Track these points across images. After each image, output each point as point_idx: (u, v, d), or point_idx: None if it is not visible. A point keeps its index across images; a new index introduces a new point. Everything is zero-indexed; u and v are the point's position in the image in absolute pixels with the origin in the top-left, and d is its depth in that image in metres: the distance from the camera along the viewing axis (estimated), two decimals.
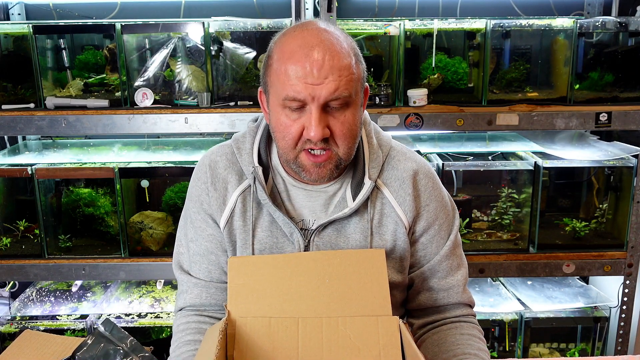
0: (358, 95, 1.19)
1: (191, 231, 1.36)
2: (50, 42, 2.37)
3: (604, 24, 2.24)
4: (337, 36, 1.17)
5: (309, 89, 1.12)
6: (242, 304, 1.15)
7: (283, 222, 1.27)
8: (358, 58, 1.20)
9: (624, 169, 2.31)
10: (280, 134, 1.20)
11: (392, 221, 1.30)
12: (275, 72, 1.17)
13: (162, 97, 2.24)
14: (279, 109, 1.18)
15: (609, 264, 2.31)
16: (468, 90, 2.34)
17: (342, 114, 1.17)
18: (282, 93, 1.15)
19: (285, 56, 1.15)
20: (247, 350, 1.12)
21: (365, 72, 1.24)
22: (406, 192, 1.31)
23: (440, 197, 1.37)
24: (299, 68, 1.12)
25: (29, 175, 2.23)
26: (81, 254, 2.32)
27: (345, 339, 1.12)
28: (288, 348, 1.11)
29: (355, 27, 2.28)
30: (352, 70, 1.15)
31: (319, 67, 1.11)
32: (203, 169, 1.35)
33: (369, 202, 1.28)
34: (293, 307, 1.15)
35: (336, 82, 1.12)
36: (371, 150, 1.31)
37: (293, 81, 1.13)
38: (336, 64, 1.12)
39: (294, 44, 1.15)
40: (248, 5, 2.57)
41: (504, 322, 2.41)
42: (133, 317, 2.38)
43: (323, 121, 1.15)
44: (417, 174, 1.33)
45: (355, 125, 1.20)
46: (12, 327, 2.38)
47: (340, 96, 1.14)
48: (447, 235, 1.37)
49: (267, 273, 1.18)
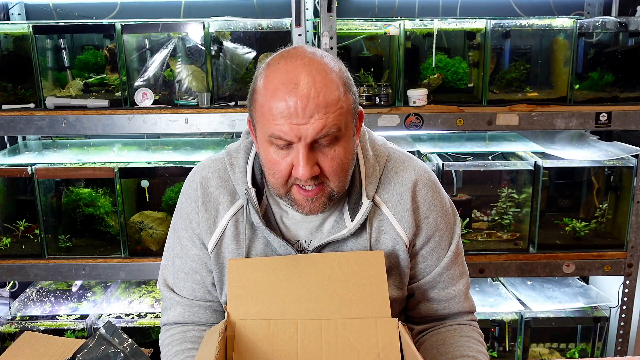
0: (349, 127, 1.14)
1: (177, 247, 1.33)
2: (50, 42, 2.37)
3: (604, 24, 2.23)
4: (323, 67, 1.10)
5: (295, 129, 1.07)
6: (242, 306, 1.15)
7: (279, 244, 1.23)
8: (347, 87, 1.13)
9: (624, 169, 2.31)
10: (269, 171, 1.16)
11: (391, 238, 1.26)
12: (260, 108, 1.12)
13: (162, 97, 2.24)
14: (266, 144, 1.13)
15: (609, 264, 2.31)
16: (468, 90, 2.33)
17: (332, 149, 1.12)
18: (267, 131, 1.10)
19: (269, 93, 1.09)
20: (247, 352, 1.12)
21: (356, 98, 1.17)
22: (405, 208, 1.26)
23: (440, 206, 1.31)
24: (283, 106, 1.06)
25: (29, 175, 2.23)
26: (81, 254, 2.32)
27: (345, 340, 1.12)
28: (287, 350, 1.11)
29: (355, 27, 2.28)
30: (340, 104, 1.09)
31: (303, 107, 1.06)
32: (194, 186, 1.31)
33: (366, 221, 1.24)
34: (292, 309, 1.15)
35: (323, 120, 1.07)
36: (367, 164, 1.26)
37: (278, 121, 1.07)
38: (322, 101, 1.06)
39: (277, 80, 1.09)
40: (248, 5, 2.57)
41: (504, 322, 2.41)
42: (133, 317, 2.39)
43: (311, 160, 1.10)
44: (416, 184, 1.28)
45: (347, 159, 1.15)
46: (12, 327, 2.38)
47: (328, 133, 1.08)
48: (448, 245, 1.33)
49: (267, 275, 1.18)
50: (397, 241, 1.27)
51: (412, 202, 1.27)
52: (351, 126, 1.15)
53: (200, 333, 1.29)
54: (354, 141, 1.18)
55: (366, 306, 1.14)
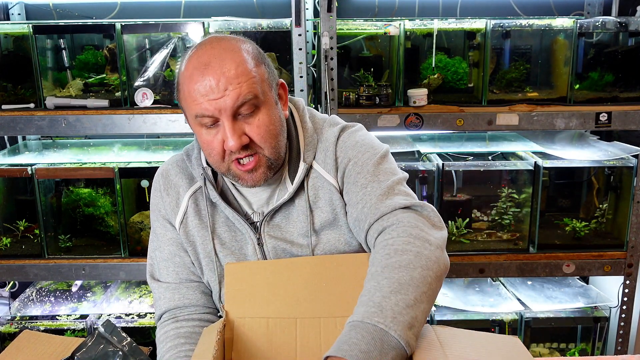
0: (267, 95, 1.22)
1: (154, 241, 1.41)
2: (50, 42, 2.37)
3: (604, 24, 2.23)
4: (230, 46, 1.20)
5: (213, 104, 1.16)
6: (240, 307, 1.15)
7: (234, 218, 1.31)
8: (258, 60, 1.22)
9: (624, 169, 2.31)
10: (206, 152, 1.25)
11: (327, 191, 1.31)
12: (183, 95, 1.22)
13: (162, 97, 2.24)
14: (197, 127, 1.22)
15: (609, 264, 2.31)
16: (468, 90, 2.33)
17: (255, 117, 1.20)
18: (193, 112, 1.20)
19: (186, 80, 1.19)
20: (245, 350, 1.12)
21: (271, 70, 1.26)
22: (331, 157, 1.32)
23: (354, 141, 1.32)
24: (200, 87, 1.16)
25: (29, 175, 2.23)
26: (81, 254, 2.32)
27: None
28: (286, 348, 1.11)
29: (355, 27, 2.28)
30: (251, 74, 1.18)
31: (217, 81, 1.15)
32: (157, 179, 1.43)
33: (304, 183, 1.31)
34: (291, 308, 1.15)
35: (237, 90, 1.16)
36: (306, 135, 1.34)
37: (198, 100, 1.17)
38: (233, 74, 1.16)
39: (191, 66, 1.19)
40: (248, 5, 2.57)
41: (504, 322, 2.41)
42: (133, 317, 2.38)
43: (237, 130, 1.18)
44: (339, 137, 1.33)
45: (273, 125, 1.22)
46: (12, 327, 2.38)
47: (245, 100, 1.17)
48: (366, 168, 1.28)
49: (264, 278, 1.18)
50: (332, 191, 1.31)
51: (336, 149, 1.33)
52: (270, 95, 1.23)
53: (193, 329, 1.30)
54: (278, 110, 1.26)
55: None
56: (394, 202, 1.19)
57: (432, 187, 2.33)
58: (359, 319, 0.97)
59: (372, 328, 0.95)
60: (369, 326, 0.95)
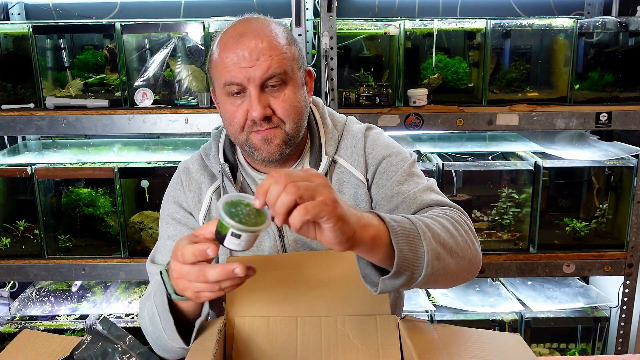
0: (296, 74, 1.25)
1: (170, 229, 1.38)
2: (50, 42, 2.37)
3: (604, 24, 2.23)
4: (267, 23, 1.25)
5: (244, 72, 1.19)
6: (240, 304, 1.15)
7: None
8: (291, 40, 1.26)
9: (624, 169, 2.31)
10: (227, 121, 1.27)
11: (352, 186, 1.34)
12: (215, 64, 1.25)
13: (162, 97, 2.24)
14: (224, 98, 1.25)
15: (609, 264, 2.31)
16: (468, 90, 2.33)
17: (282, 92, 1.22)
18: (221, 81, 1.22)
19: (220, 48, 1.23)
20: (246, 349, 1.11)
21: (301, 53, 1.29)
22: (359, 154, 1.35)
23: (385, 142, 1.38)
24: (233, 55, 1.19)
25: (29, 175, 2.23)
26: (81, 254, 2.32)
27: (344, 337, 1.11)
28: (287, 347, 1.11)
29: (355, 27, 2.28)
30: (283, 50, 1.21)
31: (250, 51, 1.18)
32: (178, 174, 1.43)
33: (327, 177, 1.32)
34: (292, 307, 1.14)
35: (268, 62, 1.19)
36: (326, 130, 1.37)
37: (229, 68, 1.20)
38: (266, 45, 1.19)
39: (227, 35, 1.23)
40: (248, 5, 2.57)
41: (504, 322, 2.41)
42: (133, 317, 2.38)
43: (263, 101, 1.21)
44: (367, 136, 1.37)
45: (298, 102, 1.25)
46: (12, 327, 2.38)
47: (274, 73, 1.20)
48: (400, 168, 1.33)
49: (266, 273, 1.17)
50: (358, 186, 1.34)
51: (364, 146, 1.36)
52: (298, 75, 1.27)
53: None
54: (304, 92, 1.29)
55: (365, 303, 1.14)
56: (435, 198, 1.24)
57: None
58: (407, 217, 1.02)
59: (413, 227, 1.00)
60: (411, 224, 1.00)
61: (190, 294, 1.00)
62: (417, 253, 0.98)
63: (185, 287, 1.00)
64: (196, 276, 0.96)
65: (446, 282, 1.09)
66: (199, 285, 0.97)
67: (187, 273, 0.97)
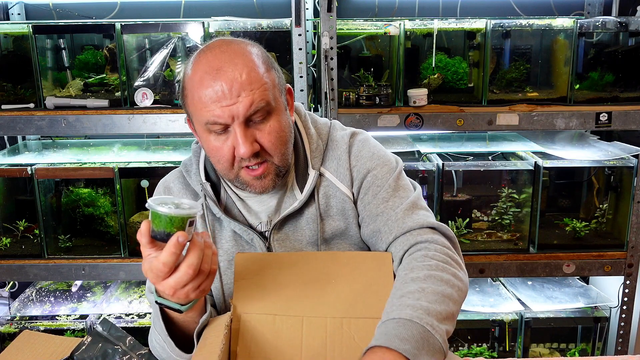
0: (278, 101, 1.21)
1: None
2: (50, 42, 2.37)
3: (604, 24, 2.23)
4: (241, 50, 1.18)
5: (227, 110, 1.13)
6: (248, 300, 1.15)
7: (241, 230, 1.29)
8: (268, 65, 1.21)
9: (624, 169, 2.31)
10: (214, 159, 1.22)
11: (339, 200, 1.31)
12: (192, 100, 1.18)
13: (162, 97, 2.24)
14: (206, 134, 1.19)
15: (609, 264, 2.31)
16: (468, 90, 2.33)
17: (267, 124, 1.18)
18: (203, 119, 1.16)
19: (196, 85, 1.16)
20: (251, 345, 1.11)
21: (279, 75, 1.24)
22: (344, 167, 1.31)
23: (370, 153, 1.34)
24: (211, 92, 1.13)
25: (29, 175, 2.23)
26: (81, 254, 2.32)
27: (349, 339, 1.11)
28: (292, 346, 1.11)
29: (355, 27, 2.28)
30: (263, 80, 1.16)
31: (229, 87, 1.12)
32: (158, 194, 1.39)
33: (314, 191, 1.30)
34: (298, 306, 1.14)
35: (250, 97, 1.13)
36: (311, 141, 1.33)
37: (210, 107, 1.14)
38: (246, 79, 1.13)
39: (201, 70, 1.16)
40: (248, 5, 2.57)
41: (504, 322, 2.41)
42: (133, 317, 2.38)
43: (249, 137, 1.16)
44: (351, 145, 1.33)
45: (283, 131, 1.21)
46: (12, 327, 2.38)
47: (258, 108, 1.15)
48: (385, 182, 1.31)
49: (273, 271, 1.18)
50: (345, 201, 1.31)
51: (349, 158, 1.33)
52: (280, 100, 1.22)
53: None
54: (287, 115, 1.25)
55: (372, 306, 1.14)
56: (420, 219, 1.23)
57: (432, 187, 2.33)
58: (408, 317, 1.01)
59: (422, 329, 0.99)
60: (418, 326, 1.00)
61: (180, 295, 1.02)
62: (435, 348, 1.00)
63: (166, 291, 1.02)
64: (159, 268, 0.99)
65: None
66: (171, 280, 1.00)
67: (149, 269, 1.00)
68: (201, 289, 1.04)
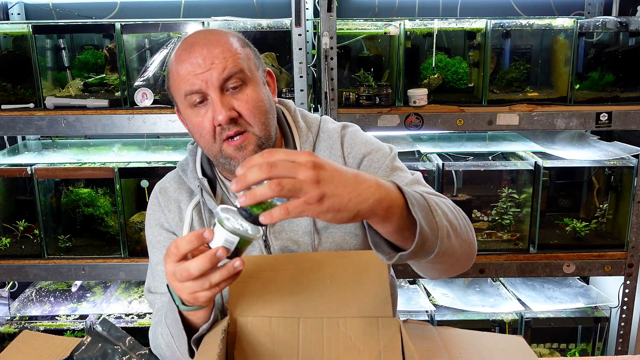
0: (254, 73, 1.23)
1: (158, 254, 1.37)
2: (50, 42, 2.37)
3: (604, 24, 2.23)
4: (217, 31, 1.25)
5: (200, 77, 1.17)
6: (243, 303, 1.15)
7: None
8: (244, 43, 1.26)
9: (625, 169, 2.31)
10: (197, 134, 1.24)
11: None
12: (172, 79, 1.23)
13: (162, 97, 2.24)
14: (188, 111, 1.23)
15: (609, 264, 2.31)
16: (468, 90, 2.33)
17: (244, 92, 1.21)
18: (181, 93, 1.21)
19: (174, 64, 1.22)
20: (248, 349, 1.11)
21: (257, 55, 1.28)
22: (337, 155, 1.33)
23: (364, 140, 1.36)
24: (187, 65, 1.19)
25: (29, 175, 2.23)
26: (81, 254, 2.32)
27: (346, 339, 1.11)
28: (289, 348, 1.11)
29: (355, 27, 2.28)
30: (236, 51, 1.20)
31: (203, 58, 1.17)
32: (154, 195, 1.41)
33: None
34: (294, 307, 1.14)
35: (222, 63, 1.18)
36: (300, 134, 1.35)
37: (186, 77, 1.19)
38: (219, 50, 1.18)
39: (179, 49, 1.22)
40: (248, 5, 2.57)
41: (504, 322, 2.41)
42: (133, 317, 2.38)
43: (226, 103, 1.19)
44: (343, 136, 1.35)
45: (262, 101, 1.23)
46: (12, 327, 2.38)
47: (231, 73, 1.18)
48: (382, 165, 1.33)
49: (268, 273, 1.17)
50: None
51: (341, 149, 1.34)
52: (257, 74, 1.25)
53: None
54: (266, 90, 1.27)
55: (367, 305, 1.13)
56: (425, 190, 1.21)
57: (432, 187, 2.32)
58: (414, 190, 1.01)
59: (424, 201, 0.99)
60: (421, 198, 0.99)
61: (187, 297, 1.00)
62: (432, 228, 0.97)
63: (180, 290, 1.00)
64: (181, 274, 0.96)
65: (448, 265, 1.08)
66: (189, 284, 0.98)
67: (174, 272, 0.97)
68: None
